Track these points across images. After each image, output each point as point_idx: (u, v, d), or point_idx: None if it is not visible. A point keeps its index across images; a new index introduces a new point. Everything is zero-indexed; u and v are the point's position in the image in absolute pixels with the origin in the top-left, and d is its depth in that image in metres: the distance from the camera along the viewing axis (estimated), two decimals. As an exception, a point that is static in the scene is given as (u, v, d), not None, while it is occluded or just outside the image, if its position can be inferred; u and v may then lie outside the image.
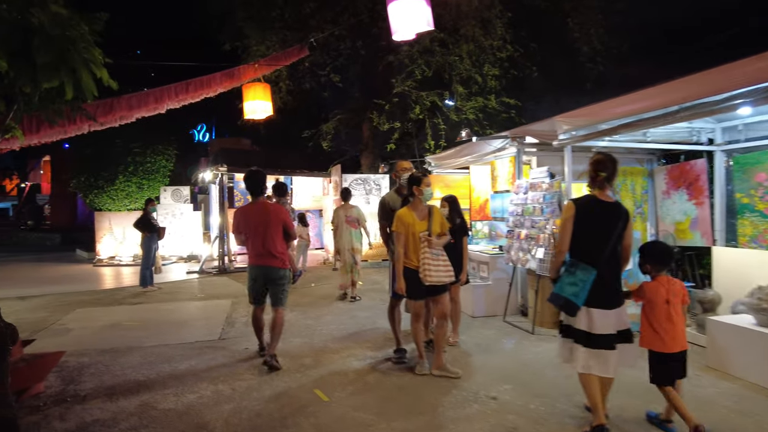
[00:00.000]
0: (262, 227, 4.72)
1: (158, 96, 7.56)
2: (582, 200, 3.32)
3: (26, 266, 13.66)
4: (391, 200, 4.92)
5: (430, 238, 4.18)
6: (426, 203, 4.36)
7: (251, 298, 4.98)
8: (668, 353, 3.24)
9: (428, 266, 4.14)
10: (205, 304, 7.84)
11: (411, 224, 4.22)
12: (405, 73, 11.55)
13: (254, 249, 4.78)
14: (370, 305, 7.44)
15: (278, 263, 4.78)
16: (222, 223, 11.36)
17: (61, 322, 6.74)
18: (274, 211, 4.82)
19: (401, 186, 4.86)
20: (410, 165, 4.96)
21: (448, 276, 4.22)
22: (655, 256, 3.40)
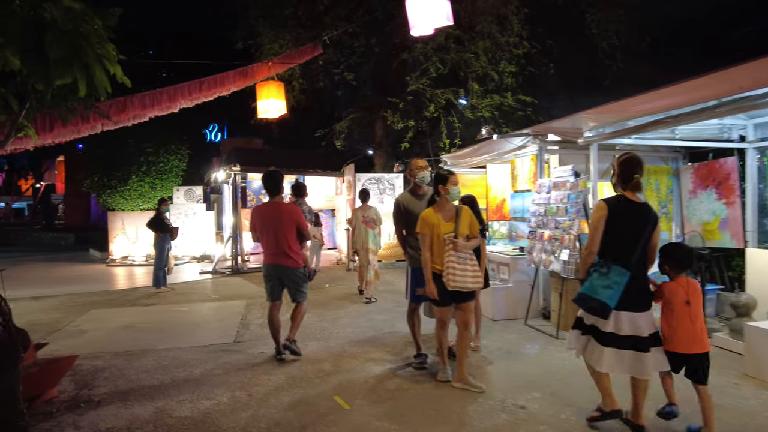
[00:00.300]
0: (276, 227, 4.82)
1: (172, 94, 7.46)
2: (613, 201, 3.27)
3: (40, 266, 13.69)
4: (405, 201, 4.66)
5: (456, 240, 3.92)
6: (453, 203, 4.15)
7: (267, 295, 5.03)
8: (688, 354, 3.17)
9: (452, 270, 3.89)
10: (218, 306, 7.73)
11: (436, 225, 3.99)
12: (419, 70, 11.37)
13: (269, 248, 4.91)
14: (387, 308, 7.28)
15: (291, 262, 4.87)
16: (235, 223, 11.27)
17: (75, 324, 6.67)
18: (289, 211, 4.91)
19: (416, 185, 4.64)
20: (425, 163, 4.70)
21: (474, 282, 3.94)
22: (676, 258, 3.34)
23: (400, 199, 4.76)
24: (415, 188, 4.69)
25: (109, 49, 3.67)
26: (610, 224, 3.19)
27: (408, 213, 4.56)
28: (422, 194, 4.62)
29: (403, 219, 4.62)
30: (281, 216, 4.83)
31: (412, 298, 4.66)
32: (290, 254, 4.84)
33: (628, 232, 3.19)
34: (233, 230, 11.30)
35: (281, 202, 4.99)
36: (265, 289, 5.03)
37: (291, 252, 4.84)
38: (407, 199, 4.68)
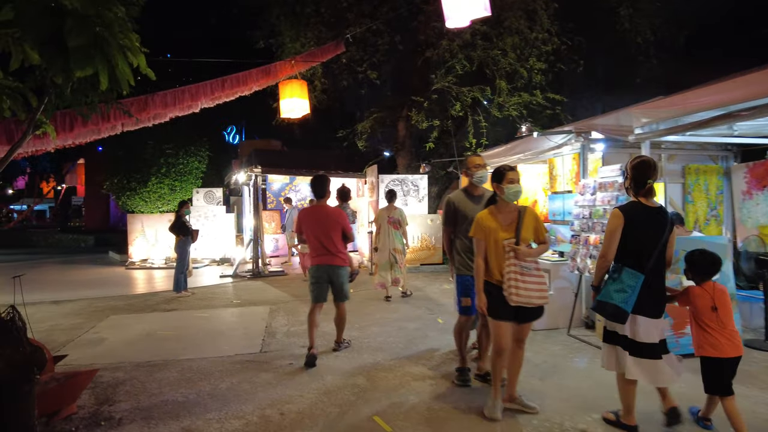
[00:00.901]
0: (323, 229, 4.99)
1: (194, 93, 7.23)
2: (629, 207, 3.28)
3: (60, 269, 13.61)
4: (457, 201, 4.27)
5: (518, 247, 3.43)
6: (514, 203, 3.63)
7: (313, 297, 5.09)
8: (724, 358, 3.15)
9: (515, 282, 3.39)
10: (241, 312, 7.46)
11: (493, 230, 3.52)
12: (445, 68, 11.01)
13: (315, 249, 5.06)
14: (417, 315, 6.93)
15: (339, 261, 5.03)
16: (256, 226, 11.02)
17: (95, 330, 6.43)
18: (335, 214, 5.08)
19: (472, 185, 4.27)
20: (483, 161, 4.28)
21: (540, 296, 3.42)
22: (702, 267, 3.35)
23: (452, 198, 4.36)
24: (470, 188, 4.31)
25: (133, 38, 3.39)
26: (627, 231, 3.19)
27: (459, 214, 4.20)
28: (478, 195, 4.24)
29: (453, 220, 4.27)
30: (328, 218, 5.01)
31: (460, 310, 4.28)
32: (337, 254, 5.01)
33: (646, 238, 3.20)
34: (254, 233, 11.05)
35: (327, 205, 5.17)
36: (311, 290, 5.11)
37: (338, 252, 5.01)
38: (460, 199, 4.29)
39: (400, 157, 12.44)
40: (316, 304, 5.07)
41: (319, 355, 5.08)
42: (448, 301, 7.81)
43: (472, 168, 4.23)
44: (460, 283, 4.23)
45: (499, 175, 3.58)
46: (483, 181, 4.21)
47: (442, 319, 6.57)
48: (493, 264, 3.54)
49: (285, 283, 9.85)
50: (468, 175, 4.26)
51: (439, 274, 10.64)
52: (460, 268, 4.22)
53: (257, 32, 12.32)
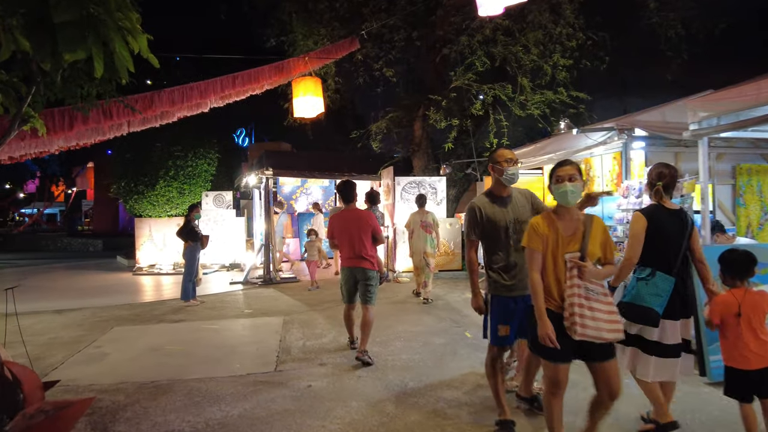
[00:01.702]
0: (353, 232, 5.08)
1: (203, 90, 6.79)
2: (650, 210, 3.34)
3: (66, 274, 13.24)
4: (483, 206, 3.47)
5: (584, 263, 2.73)
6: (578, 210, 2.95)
7: (344, 297, 5.29)
8: (744, 370, 3.00)
9: (579, 310, 2.67)
10: (253, 323, 6.98)
11: (552, 240, 2.84)
12: (464, 65, 10.50)
13: (346, 252, 5.15)
14: (443, 328, 6.42)
15: (368, 264, 5.09)
16: (267, 230, 10.56)
17: (97, 344, 5.99)
18: (365, 217, 5.19)
19: (499, 184, 3.44)
20: (514, 155, 3.48)
21: (612, 330, 2.68)
22: (731, 265, 3.15)
23: (476, 203, 3.54)
24: (497, 188, 3.49)
25: (133, 18, 2.94)
26: (649, 234, 3.23)
27: (488, 222, 3.43)
28: (507, 196, 3.47)
29: (480, 230, 3.49)
30: (359, 221, 5.12)
31: (493, 339, 3.46)
32: (366, 257, 5.08)
33: (668, 240, 3.24)
34: (265, 237, 10.59)
35: (358, 208, 5.31)
36: (342, 292, 5.30)
37: (367, 255, 5.08)
38: (486, 203, 3.49)
39: (417, 158, 11.93)
40: (348, 305, 5.32)
41: (341, 375, 4.61)
42: (471, 311, 7.25)
43: (502, 163, 3.39)
44: (498, 307, 3.43)
45: (553, 174, 2.95)
46: (514, 180, 3.44)
47: (470, 333, 6.06)
48: (552, 284, 2.84)
49: (298, 291, 9.38)
50: (496, 171, 3.43)
51: (459, 281, 10.12)
52: (497, 287, 3.42)
53: (268, 30, 11.91)
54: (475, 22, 10.30)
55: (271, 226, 10.65)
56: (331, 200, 15.42)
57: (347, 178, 5.64)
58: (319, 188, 15.28)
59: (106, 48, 2.88)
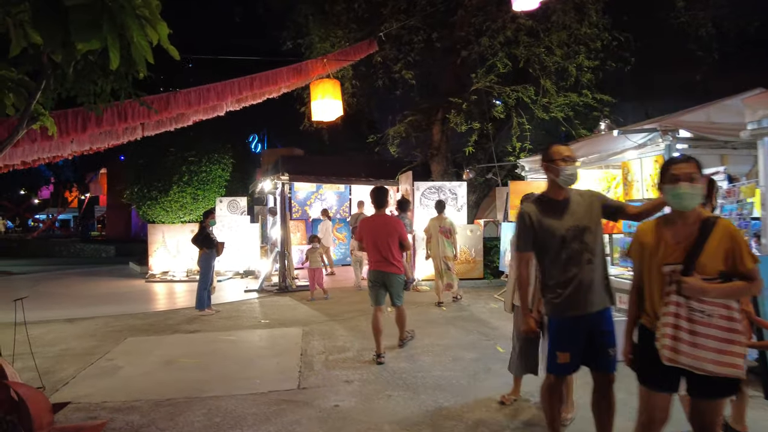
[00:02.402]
0: (381, 237, 5.28)
1: (220, 91, 6.55)
2: None
3: (79, 281, 13.05)
4: (534, 213, 2.96)
5: (686, 278, 2.28)
6: (697, 211, 2.45)
7: (372, 300, 5.45)
8: None
9: (672, 331, 2.27)
10: (271, 334, 6.68)
11: (650, 248, 2.45)
12: (486, 66, 10.19)
13: (374, 256, 5.37)
14: (471, 342, 6.07)
15: (394, 269, 5.32)
16: (283, 237, 10.28)
17: (110, 356, 5.72)
18: (393, 223, 5.40)
19: (555, 186, 2.97)
20: (572, 152, 2.99)
21: (722, 363, 2.20)
22: None
23: (527, 210, 3.00)
24: (552, 191, 3.00)
25: (153, 4, 2.67)
26: None
27: (541, 230, 2.93)
28: (564, 199, 2.95)
29: (532, 240, 2.98)
30: (387, 227, 5.33)
31: (550, 367, 3.01)
32: (393, 262, 5.28)
33: None
34: (281, 244, 10.31)
35: (386, 215, 5.54)
36: (370, 294, 5.49)
37: (393, 260, 5.29)
38: (538, 209, 2.98)
39: (435, 163, 11.61)
40: (376, 307, 5.42)
41: (370, 393, 4.29)
42: (499, 322, 6.95)
43: (557, 161, 2.90)
44: (556, 330, 2.98)
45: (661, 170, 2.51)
46: (573, 180, 2.96)
47: (501, 347, 5.70)
48: (649, 300, 2.44)
49: (316, 300, 9.07)
50: (552, 171, 2.95)
51: (482, 290, 9.76)
52: (554, 307, 2.96)
53: (284, 32, 11.69)
54: (496, 23, 10.01)
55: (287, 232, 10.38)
56: (345, 206, 15.14)
57: (380, 185, 5.71)
58: (334, 194, 14.99)
59: (123, 37, 2.61)
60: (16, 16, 2.93)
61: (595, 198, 3.02)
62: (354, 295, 9.40)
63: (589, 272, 2.84)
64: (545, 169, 3.05)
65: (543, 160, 3.04)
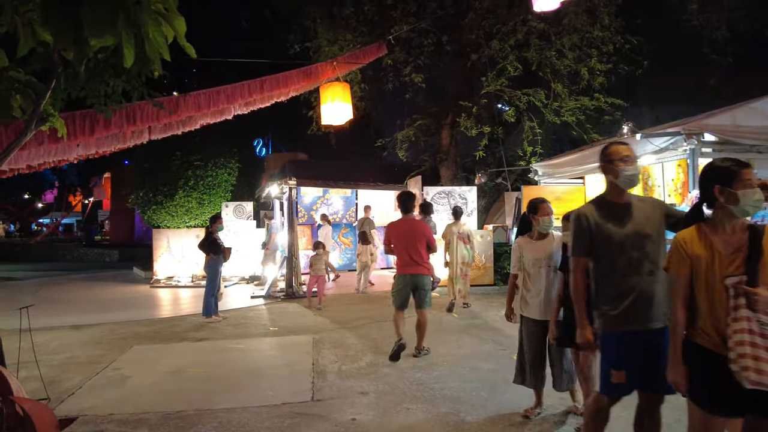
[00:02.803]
0: (410, 240, 5.41)
1: (230, 94, 6.43)
2: None
3: (83, 286, 12.93)
4: (593, 215, 2.73)
5: (758, 290, 2.11)
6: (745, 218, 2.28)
7: (396, 303, 5.54)
8: None
9: (752, 350, 2.06)
10: (281, 343, 6.52)
11: (705, 260, 2.25)
12: (496, 70, 10.07)
13: (402, 259, 5.48)
14: (487, 351, 5.90)
15: (424, 270, 5.46)
16: (290, 242, 10.13)
17: (116, 365, 5.57)
18: (420, 227, 5.55)
19: (615, 189, 2.76)
20: (632, 151, 2.78)
21: None
22: None
23: (584, 212, 2.78)
24: (612, 193, 2.79)
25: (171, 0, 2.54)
26: None
27: (599, 235, 2.70)
28: (624, 203, 2.75)
29: (589, 246, 2.75)
30: (414, 231, 5.46)
31: (603, 387, 2.74)
32: (422, 263, 5.42)
33: None
34: (288, 250, 10.15)
35: (414, 218, 5.68)
36: (394, 297, 5.55)
37: (422, 262, 5.42)
38: (596, 212, 2.75)
39: (444, 167, 11.47)
40: (398, 311, 5.54)
41: (387, 406, 4.13)
42: (513, 331, 6.69)
43: (617, 161, 2.69)
44: (610, 346, 2.72)
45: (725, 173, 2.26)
46: (634, 183, 2.76)
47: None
48: (706, 317, 2.23)
49: (324, 306, 8.91)
50: (611, 172, 2.73)
51: (493, 297, 9.58)
52: (609, 320, 2.70)
53: (291, 36, 11.59)
54: (507, 26, 9.90)
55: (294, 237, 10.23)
56: (352, 211, 14.99)
57: (407, 191, 6.10)
58: (340, 199, 14.85)
59: (137, 34, 2.48)
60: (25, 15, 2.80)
61: (657, 205, 2.82)
62: (361, 303, 9.24)
63: (650, 284, 2.63)
64: (603, 170, 2.83)
65: (601, 161, 2.83)
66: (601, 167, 2.85)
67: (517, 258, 4.00)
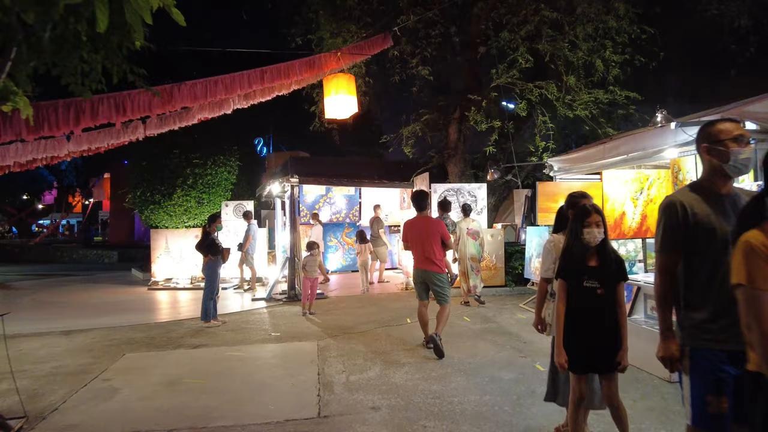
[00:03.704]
0: (424, 237, 5.60)
1: (228, 84, 6.02)
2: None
3: (79, 288, 12.51)
4: (690, 204, 2.30)
5: None
6: None
7: (417, 295, 5.85)
8: None
9: None
10: (284, 350, 6.10)
11: None
12: (507, 61, 9.64)
13: (417, 255, 5.68)
14: (506, 359, 5.47)
15: (436, 268, 5.61)
16: (293, 242, 9.72)
17: (106, 376, 5.16)
18: (434, 224, 5.73)
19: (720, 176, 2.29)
20: (743, 130, 2.30)
21: None
22: None
23: (679, 199, 2.33)
24: (714, 180, 2.32)
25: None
26: None
27: (697, 228, 2.27)
28: (728, 194, 2.31)
29: (682, 239, 2.31)
30: (429, 228, 5.64)
31: (696, 418, 2.22)
32: (435, 261, 5.59)
33: None
34: (290, 250, 9.74)
35: (428, 216, 5.92)
36: (416, 289, 5.87)
37: (435, 259, 5.59)
38: (694, 200, 2.31)
39: (452, 164, 11.03)
40: (421, 302, 5.81)
41: (402, 423, 3.72)
42: (531, 336, 6.35)
43: (727, 142, 2.24)
44: (705, 367, 2.22)
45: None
46: (746, 170, 2.27)
47: (541, 366, 5.11)
48: None
49: (328, 309, 8.50)
50: (718, 155, 2.27)
51: (505, 299, 9.17)
52: (702, 335, 2.24)
53: (293, 29, 11.16)
54: (518, 16, 9.47)
55: (296, 237, 9.82)
56: (355, 210, 14.59)
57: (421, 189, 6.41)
58: (343, 197, 14.44)
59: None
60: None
61: None
62: (368, 305, 8.83)
63: None
64: (706, 152, 2.33)
65: (704, 141, 2.33)
66: (703, 149, 2.34)
67: (553, 260, 3.49)
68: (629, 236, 8.20)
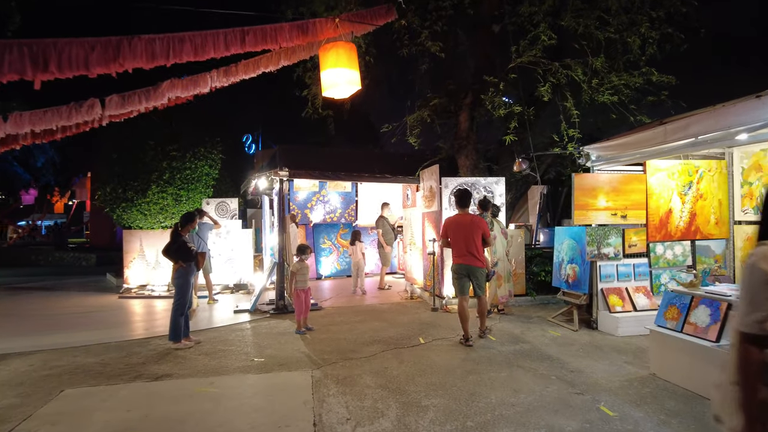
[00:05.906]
0: (467, 233, 5.89)
1: (199, 44, 4.72)
2: None
3: (42, 297, 11.06)
4: None
5: None
6: None
7: (458, 291, 6.00)
8: None
9: None
10: (269, 384, 4.79)
11: None
12: (528, 39, 8.41)
13: (458, 250, 5.95)
14: (558, 396, 4.22)
15: (478, 263, 5.89)
16: (281, 244, 8.40)
17: (31, 425, 3.83)
18: (477, 221, 5.98)
19: None
20: None
21: None
22: None
23: None
24: None
25: None
26: None
27: None
28: None
29: None
30: (472, 225, 5.92)
31: None
32: (477, 256, 5.87)
33: None
34: (279, 254, 8.42)
35: (470, 213, 6.10)
36: (455, 285, 6.04)
37: (477, 254, 5.87)
38: None
39: (463, 156, 9.75)
40: (462, 297, 5.91)
41: None
42: (577, 360, 5.13)
43: None
44: None
45: None
46: None
47: (608, 408, 3.86)
48: None
49: (323, 324, 7.20)
50: None
51: (528, 310, 7.94)
52: None
53: (282, 4, 9.87)
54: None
55: (286, 240, 8.49)
56: (351, 209, 13.30)
57: (465, 188, 6.74)
58: (338, 195, 13.14)
59: None
60: None
61: None
62: (370, 319, 7.55)
63: None
64: None
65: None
66: None
67: None
68: (676, 237, 7.03)
